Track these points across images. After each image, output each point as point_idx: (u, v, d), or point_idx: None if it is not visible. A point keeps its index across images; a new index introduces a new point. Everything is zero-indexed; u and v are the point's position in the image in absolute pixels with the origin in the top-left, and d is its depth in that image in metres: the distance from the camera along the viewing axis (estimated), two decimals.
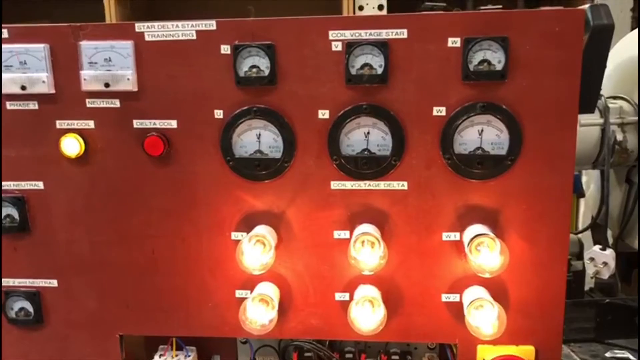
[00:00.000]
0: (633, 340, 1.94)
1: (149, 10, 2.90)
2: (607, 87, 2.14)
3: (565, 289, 1.41)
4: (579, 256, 2.18)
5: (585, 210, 2.65)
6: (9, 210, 1.49)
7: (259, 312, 1.41)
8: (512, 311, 1.41)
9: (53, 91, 1.42)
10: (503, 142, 1.35)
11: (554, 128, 1.34)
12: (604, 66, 1.61)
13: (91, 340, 1.57)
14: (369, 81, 1.33)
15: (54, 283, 1.54)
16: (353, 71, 1.33)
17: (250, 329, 1.42)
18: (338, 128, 1.37)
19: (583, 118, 1.95)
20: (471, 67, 1.31)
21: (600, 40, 1.51)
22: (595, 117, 2.02)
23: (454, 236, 1.40)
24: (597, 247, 2.04)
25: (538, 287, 1.41)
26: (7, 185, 1.49)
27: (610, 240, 2.29)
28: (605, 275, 2.03)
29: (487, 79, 1.31)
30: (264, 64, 1.35)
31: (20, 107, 1.45)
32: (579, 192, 2.35)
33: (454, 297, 1.43)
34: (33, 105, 1.44)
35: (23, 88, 1.42)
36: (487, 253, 1.33)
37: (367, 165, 1.39)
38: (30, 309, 1.55)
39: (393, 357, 1.63)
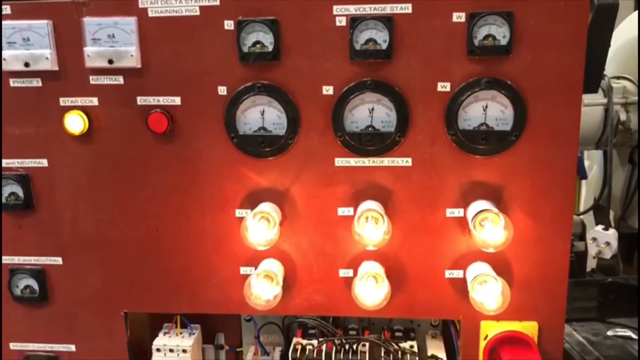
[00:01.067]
0: (635, 319, 1.95)
1: None
2: (611, 67, 2.13)
3: (568, 264, 1.41)
4: (581, 237, 2.19)
5: (588, 192, 2.66)
6: (14, 187, 1.50)
7: (263, 287, 1.42)
8: (516, 287, 1.41)
9: (56, 68, 1.42)
10: (507, 117, 1.35)
11: (558, 104, 1.34)
12: (608, 45, 1.61)
13: (96, 318, 1.58)
14: (373, 56, 1.33)
15: (58, 261, 1.55)
16: (357, 46, 1.33)
17: (255, 304, 1.43)
18: (342, 104, 1.37)
19: (586, 98, 1.93)
20: (476, 42, 1.30)
21: (604, 19, 1.50)
22: (598, 97, 2.02)
23: (458, 212, 1.41)
24: (599, 227, 2.05)
25: (541, 264, 1.41)
26: (12, 162, 1.50)
27: (613, 222, 2.30)
28: (608, 255, 2.04)
29: (492, 54, 1.31)
30: (267, 39, 1.35)
31: (23, 85, 1.45)
32: (581, 174, 2.35)
33: (457, 274, 1.44)
34: (36, 83, 1.44)
35: (26, 65, 1.41)
36: (491, 228, 1.33)
37: (371, 142, 1.39)
38: (36, 286, 1.56)
39: (396, 334, 1.64)
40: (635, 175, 2.18)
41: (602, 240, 2.03)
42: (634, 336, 1.88)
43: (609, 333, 1.91)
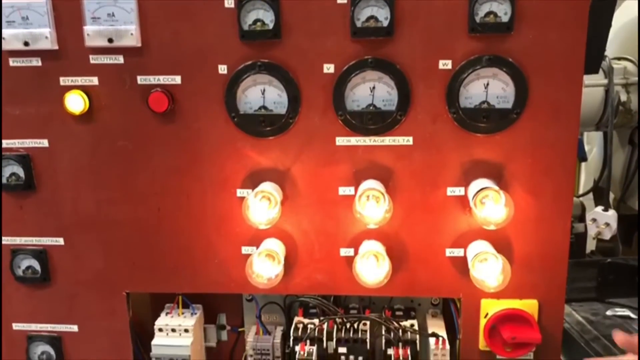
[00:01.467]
0: (634, 299, 1.96)
1: None
2: (612, 47, 2.13)
3: (569, 242, 1.42)
4: (581, 219, 2.19)
5: (587, 174, 2.66)
6: (15, 168, 1.50)
7: (265, 267, 1.43)
8: (516, 265, 1.42)
9: (56, 47, 1.41)
10: (509, 95, 1.35)
11: (560, 82, 1.34)
12: (609, 26, 1.61)
13: (98, 298, 1.58)
14: (375, 34, 1.32)
15: (60, 241, 1.55)
16: (358, 24, 1.32)
17: (257, 282, 1.44)
18: (343, 83, 1.36)
19: (587, 79, 1.93)
20: (477, 20, 1.30)
21: None
22: (599, 78, 2.02)
23: (459, 191, 1.41)
24: (599, 208, 2.06)
25: (542, 242, 1.42)
26: (12, 143, 1.49)
27: (612, 204, 2.30)
28: (607, 235, 2.05)
29: (494, 31, 1.30)
30: (268, 17, 1.34)
31: (23, 64, 1.44)
32: (582, 156, 2.35)
33: (458, 252, 1.44)
34: (36, 62, 1.44)
35: (26, 44, 1.41)
36: (492, 206, 1.33)
37: (372, 121, 1.38)
38: (38, 267, 1.56)
39: (397, 313, 1.64)
40: (635, 157, 2.18)
41: (602, 221, 2.04)
42: (633, 316, 1.89)
43: (608, 313, 1.92)
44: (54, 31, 1.40)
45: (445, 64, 1.34)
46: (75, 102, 1.43)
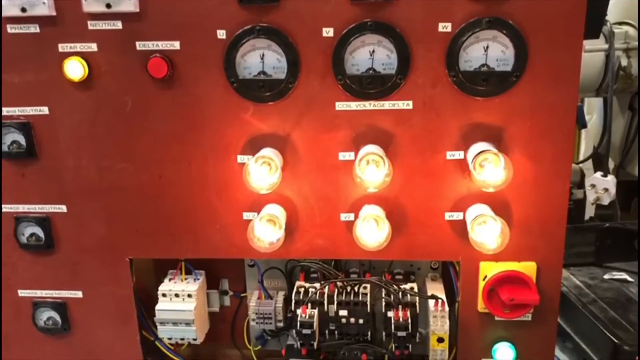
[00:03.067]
0: (632, 263, 1.98)
1: None
2: (613, 12, 2.11)
3: (567, 205, 1.43)
4: (580, 185, 2.21)
5: (587, 141, 2.67)
6: (15, 136, 1.50)
7: (266, 231, 1.44)
8: (515, 228, 1.43)
9: (54, 13, 1.40)
10: (508, 58, 1.34)
11: (560, 44, 1.33)
12: None
13: (101, 265, 1.60)
14: None
15: (63, 208, 1.56)
16: None
17: (259, 247, 1.45)
18: (342, 47, 1.36)
19: (587, 44, 1.93)
20: None
21: None
22: (600, 43, 2.01)
23: (458, 155, 1.41)
24: (598, 174, 2.07)
25: (540, 205, 1.43)
26: (12, 111, 1.50)
27: (611, 170, 2.31)
28: (606, 201, 2.06)
29: None
30: None
31: (21, 31, 1.43)
32: (581, 123, 2.35)
33: (457, 216, 1.46)
34: (34, 29, 1.43)
35: (23, 10, 1.40)
36: (491, 169, 1.34)
37: (372, 85, 1.38)
38: (41, 234, 1.58)
39: (397, 277, 1.66)
40: (635, 123, 2.19)
41: (601, 187, 2.05)
42: (630, 279, 1.91)
43: (606, 277, 1.95)
44: None
45: (445, 27, 1.33)
46: (75, 69, 1.42)
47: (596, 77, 2.03)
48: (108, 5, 1.38)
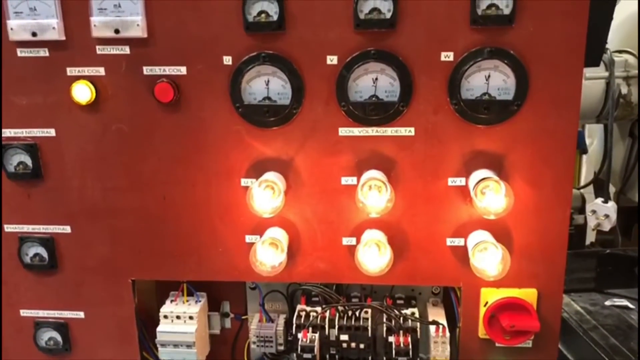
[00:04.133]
0: (632, 289, 1.98)
1: None
2: (614, 41, 2.14)
3: (568, 232, 1.44)
4: (581, 210, 2.21)
5: (588, 167, 2.68)
6: (22, 157, 1.52)
7: (268, 255, 1.45)
8: (516, 255, 1.44)
9: (63, 38, 1.43)
10: (509, 87, 1.36)
11: (560, 74, 1.35)
12: (610, 19, 1.62)
13: (104, 286, 1.61)
14: (378, 26, 1.34)
15: (67, 229, 1.58)
16: (362, 16, 1.34)
17: (261, 270, 1.46)
18: (346, 74, 1.38)
19: (588, 71, 1.96)
20: (479, 12, 1.31)
21: None
22: (600, 71, 2.03)
23: (460, 181, 1.43)
24: (599, 200, 2.07)
25: (541, 231, 1.44)
26: (20, 132, 1.52)
27: (612, 196, 2.32)
28: (607, 227, 2.07)
29: (495, 23, 1.32)
30: (272, 9, 1.36)
31: (31, 55, 1.46)
32: (582, 149, 2.37)
33: (458, 241, 1.47)
34: (44, 52, 1.46)
35: (34, 35, 1.43)
36: (492, 196, 1.35)
37: (375, 112, 1.40)
38: (45, 254, 1.59)
39: (398, 301, 1.67)
40: (635, 149, 2.20)
41: (601, 213, 2.06)
42: (631, 306, 1.91)
43: (607, 303, 1.95)
44: (61, 22, 1.42)
45: (447, 56, 1.36)
46: (82, 92, 1.45)
47: (596, 104, 2.05)
48: (116, 31, 1.41)
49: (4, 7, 1.42)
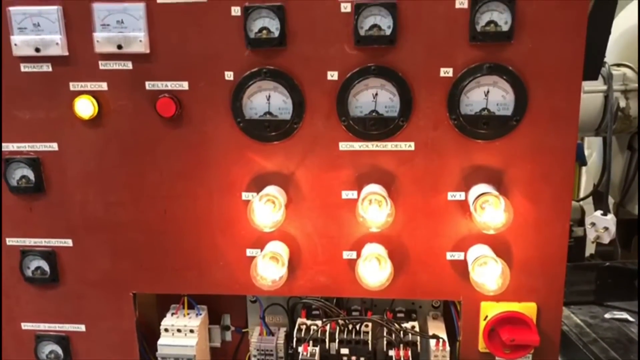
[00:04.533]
0: (632, 302, 1.99)
1: None
2: (612, 54, 2.16)
3: (567, 246, 1.45)
4: (580, 223, 2.22)
5: (587, 178, 2.69)
6: (25, 171, 1.53)
7: (269, 268, 1.46)
8: (515, 269, 1.45)
9: (66, 53, 1.45)
10: (508, 103, 1.37)
11: (558, 89, 1.36)
12: (608, 33, 1.63)
13: (105, 299, 1.61)
14: (378, 42, 1.35)
15: (68, 243, 1.58)
16: (362, 32, 1.35)
17: (261, 284, 1.47)
18: (347, 89, 1.39)
19: (587, 85, 1.97)
20: (478, 29, 1.33)
21: (605, 7, 1.52)
22: (598, 84, 2.05)
23: (459, 196, 1.44)
24: (598, 212, 2.08)
25: (540, 246, 1.45)
26: (23, 146, 1.53)
27: (612, 208, 2.33)
28: (606, 239, 2.07)
29: (494, 40, 1.33)
30: (274, 25, 1.37)
31: (34, 70, 1.47)
32: (581, 161, 2.38)
33: (458, 256, 1.47)
34: (47, 68, 1.47)
35: (37, 50, 1.44)
36: (491, 211, 1.36)
37: (375, 127, 1.41)
38: (46, 267, 1.60)
39: (398, 315, 1.67)
40: (634, 162, 2.21)
41: (601, 226, 2.06)
42: (631, 319, 1.92)
43: (607, 316, 1.95)
44: (64, 37, 1.44)
45: (447, 72, 1.37)
46: (85, 107, 1.46)
47: (595, 117, 2.07)
48: (119, 47, 1.42)
49: (8, 23, 1.43)
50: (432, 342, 1.57)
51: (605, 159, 2.09)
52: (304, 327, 1.62)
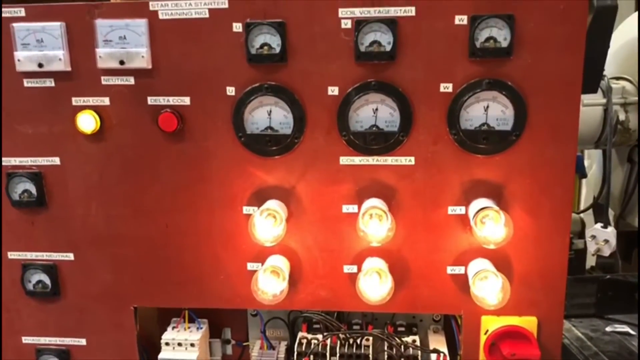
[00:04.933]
0: (633, 315, 1.98)
1: None
2: (611, 67, 2.17)
3: (567, 261, 1.45)
4: (581, 235, 2.23)
5: (588, 191, 2.69)
6: (27, 185, 1.54)
7: (270, 283, 1.46)
8: (516, 283, 1.45)
9: (69, 69, 1.46)
10: (508, 118, 1.38)
11: (558, 104, 1.37)
12: (607, 47, 1.64)
13: (106, 313, 1.62)
14: (378, 58, 1.37)
15: (70, 256, 1.59)
16: (362, 48, 1.36)
17: (262, 299, 1.47)
18: (347, 104, 1.40)
19: (586, 98, 1.98)
20: (477, 45, 1.34)
21: (603, 21, 1.53)
22: (598, 97, 2.06)
23: (460, 210, 1.44)
24: (598, 225, 2.09)
25: (541, 260, 1.45)
26: (25, 161, 1.54)
27: (612, 220, 2.33)
28: (607, 252, 2.08)
29: (493, 56, 1.35)
30: (275, 41, 1.38)
31: (37, 85, 1.49)
32: (581, 173, 2.39)
33: (459, 270, 1.47)
34: (50, 83, 1.48)
35: (40, 66, 1.45)
36: (492, 225, 1.37)
37: (375, 141, 1.42)
38: (48, 281, 1.60)
39: (399, 329, 1.67)
40: (634, 174, 2.22)
41: (601, 238, 2.07)
42: (632, 332, 1.91)
43: (608, 329, 1.95)
44: (67, 53, 1.45)
45: (446, 87, 1.38)
46: (87, 122, 1.47)
47: (595, 130, 2.08)
48: (121, 62, 1.43)
49: (12, 40, 1.44)
50: (433, 356, 1.57)
51: (605, 172, 2.09)
52: (304, 341, 1.62)
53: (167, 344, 1.65)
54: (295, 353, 1.61)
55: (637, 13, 2.30)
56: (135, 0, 1.42)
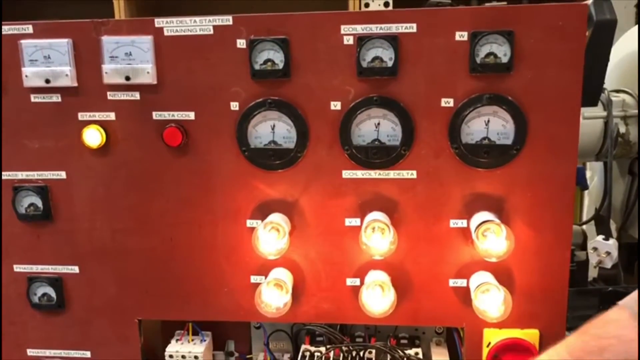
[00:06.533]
0: None
1: (158, 10, 2.94)
2: (611, 80, 2.18)
3: (569, 274, 1.46)
4: (583, 247, 2.22)
5: (589, 202, 2.70)
6: (33, 199, 1.56)
7: (273, 296, 1.47)
8: (517, 296, 1.46)
9: (76, 84, 1.48)
10: (509, 132, 1.40)
11: (557, 118, 1.39)
12: (607, 60, 1.66)
13: (111, 325, 1.63)
14: (380, 74, 1.39)
15: (75, 269, 1.60)
16: (364, 64, 1.38)
17: (266, 312, 1.48)
18: (349, 119, 1.42)
19: (586, 111, 1.99)
20: (478, 60, 1.36)
21: (603, 35, 1.55)
22: (598, 110, 2.07)
23: (461, 223, 1.46)
24: (600, 237, 2.09)
25: (542, 273, 1.46)
26: (31, 175, 1.56)
27: (614, 232, 2.33)
28: (608, 264, 2.08)
29: (493, 71, 1.36)
30: (278, 57, 1.41)
31: (44, 100, 1.51)
32: (583, 185, 2.38)
33: (461, 282, 1.48)
34: (56, 98, 1.50)
35: (47, 81, 1.47)
36: (493, 239, 1.38)
37: (377, 155, 1.44)
38: (53, 294, 1.61)
39: (402, 341, 1.68)
40: (635, 187, 2.22)
41: (603, 250, 2.07)
42: None
43: None
44: (74, 69, 1.47)
45: (447, 102, 1.40)
46: (93, 136, 1.49)
47: (595, 143, 2.08)
48: (127, 78, 1.45)
49: (20, 56, 1.47)
50: None
51: (606, 184, 2.10)
52: (307, 353, 1.63)
53: (170, 356, 1.66)
54: None
55: (637, 26, 2.32)
56: (140, 18, 1.44)
